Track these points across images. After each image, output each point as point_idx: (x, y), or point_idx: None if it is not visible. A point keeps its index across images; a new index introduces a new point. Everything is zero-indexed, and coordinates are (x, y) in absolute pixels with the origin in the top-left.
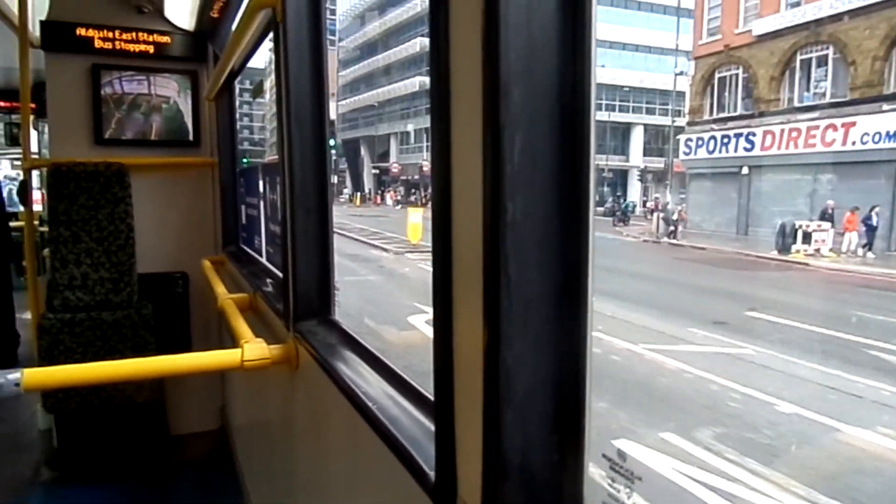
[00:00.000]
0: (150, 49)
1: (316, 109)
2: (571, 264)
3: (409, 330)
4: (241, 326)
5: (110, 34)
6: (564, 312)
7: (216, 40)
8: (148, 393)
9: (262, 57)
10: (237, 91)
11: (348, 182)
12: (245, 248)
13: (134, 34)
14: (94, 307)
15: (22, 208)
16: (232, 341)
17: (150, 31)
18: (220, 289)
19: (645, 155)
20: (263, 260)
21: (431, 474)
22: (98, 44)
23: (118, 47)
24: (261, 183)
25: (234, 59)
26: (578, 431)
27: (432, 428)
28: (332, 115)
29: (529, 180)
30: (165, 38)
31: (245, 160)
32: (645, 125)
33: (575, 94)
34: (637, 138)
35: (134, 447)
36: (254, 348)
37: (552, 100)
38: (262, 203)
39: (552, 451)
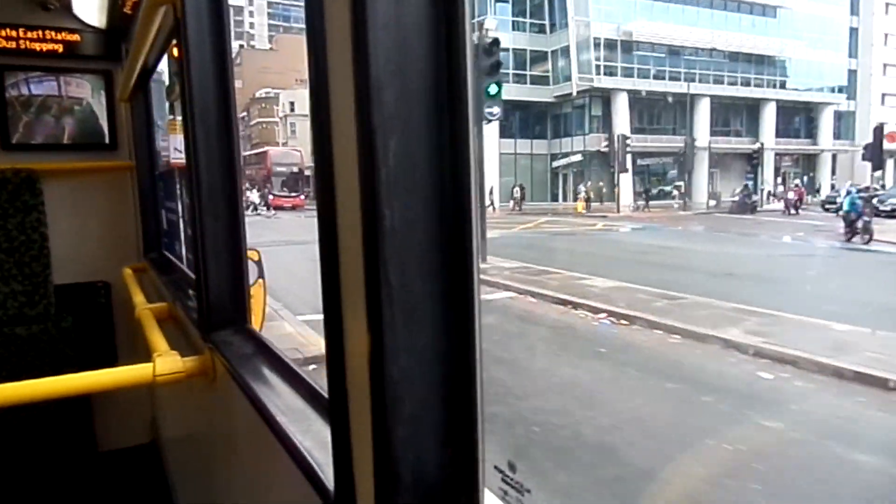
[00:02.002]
0: (59, 48)
1: (222, 111)
2: (457, 271)
3: None
4: (156, 338)
5: (13, 33)
6: (452, 322)
7: (129, 38)
8: (72, 409)
9: None
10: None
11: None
12: (167, 254)
13: (40, 32)
14: (7, 322)
15: None
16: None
17: (58, 29)
18: (138, 298)
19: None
20: (184, 267)
21: (332, 491)
22: (0, 43)
23: (23, 46)
24: (178, 187)
25: (142, 57)
26: (472, 444)
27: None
28: (307, 101)
29: (407, 185)
30: (75, 37)
31: None
32: (710, 97)
33: (451, 94)
34: (703, 112)
35: (60, 467)
36: (167, 361)
37: (428, 101)
38: (180, 207)
39: (446, 466)
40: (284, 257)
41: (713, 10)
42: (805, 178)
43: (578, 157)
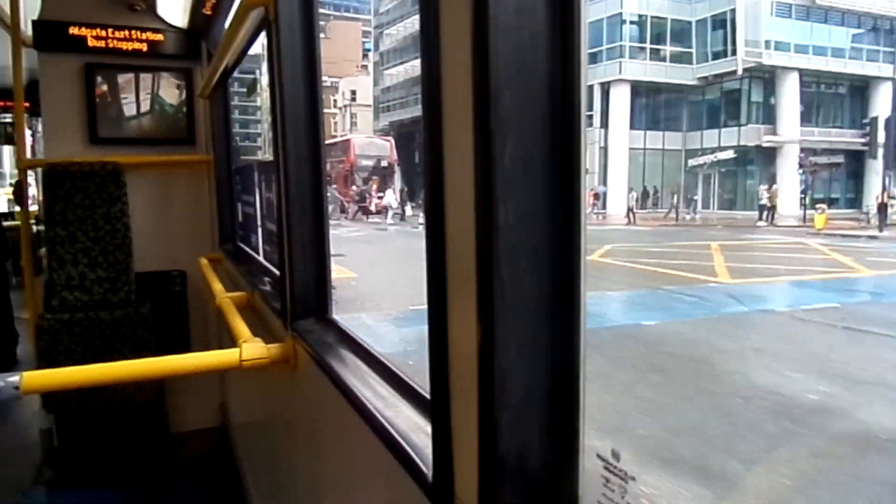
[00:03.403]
0: (144, 47)
1: (310, 109)
2: (565, 267)
3: None
4: (240, 325)
5: (103, 33)
6: (558, 315)
7: (209, 38)
8: (148, 391)
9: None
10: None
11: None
12: (242, 245)
13: (127, 32)
14: (93, 307)
15: None
16: (230, 340)
17: (143, 29)
18: (217, 287)
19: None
20: (260, 258)
21: (429, 474)
22: (91, 42)
23: (111, 45)
24: (256, 181)
25: (227, 57)
26: (573, 432)
27: (429, 428)
28: (370, 90)
29: (521, 184)
30: (159, 36)
31: None
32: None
33: (565, 98)
34: (882, 101)
35: (134, 446)
36: (252, 348)
37: (543, 105)
38: (258, 201)
39: (547, 452)
40: None
41: None
42: None
43: (729, 154)
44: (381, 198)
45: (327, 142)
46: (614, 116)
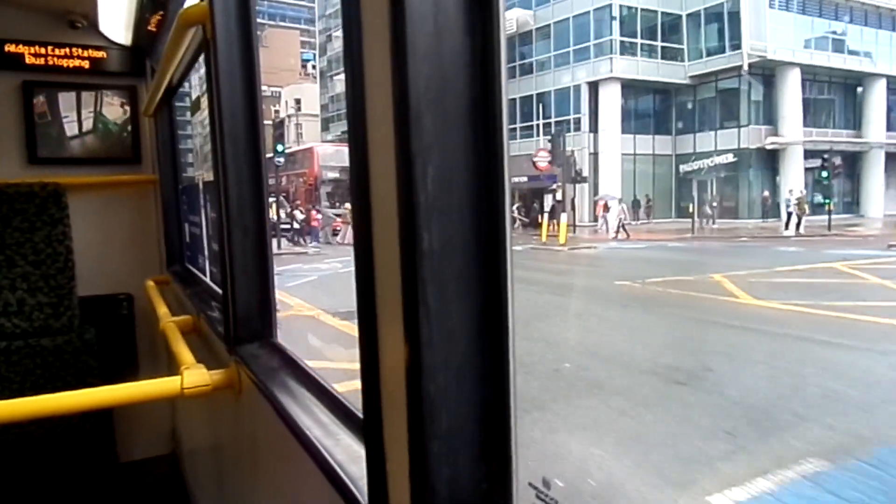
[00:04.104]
0: (86, 64)
1: (250, 127)
2: (492, 291)
3: None
4: (183, 351)
5: (42, 50)
6: (487, 341)
7: (154, 55)
8: (94, 420)
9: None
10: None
11: None
12: (190, 267)
13: (68, 49)
14: (33, 334)
15: None
16: (176, 366)
17: (85, 47)
18: (162, 310)
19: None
20: (208, 280)
21: (364, 502)
22: (29, 60)
23: (51, 63)
24: (201, 200)
25: (169, 74)
26: (506, 460)
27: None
28: (317, 98)
29: (445, 208)
30: (101, 53)
31: None
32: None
33: (487, 121)
34: (877, 100)
35: (81, 478)
36: (194, 374)
37: (465, 125)
38: (204, 221)
39: (481, 481)
40: None
41: None
42: None
43: (728, 158)
44: None
45: (287, 151)
46: (605, 119)
